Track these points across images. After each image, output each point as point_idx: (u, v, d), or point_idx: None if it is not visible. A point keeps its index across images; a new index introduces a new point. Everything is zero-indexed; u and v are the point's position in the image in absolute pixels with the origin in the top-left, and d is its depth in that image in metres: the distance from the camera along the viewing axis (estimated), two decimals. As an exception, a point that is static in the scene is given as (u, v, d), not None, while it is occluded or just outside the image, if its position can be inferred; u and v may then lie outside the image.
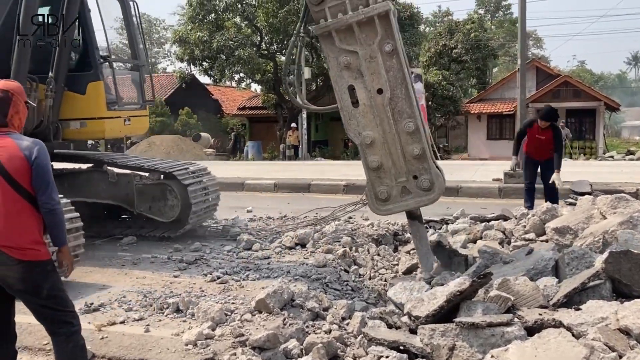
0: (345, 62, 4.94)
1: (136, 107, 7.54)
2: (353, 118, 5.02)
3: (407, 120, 4.89)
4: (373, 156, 4.98)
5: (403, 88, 4.87)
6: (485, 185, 11.91)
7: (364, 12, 4.76)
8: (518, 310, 3.56)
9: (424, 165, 4.92)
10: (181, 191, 6.87)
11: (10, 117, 2.84)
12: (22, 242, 2.76)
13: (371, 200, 5.11)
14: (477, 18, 36.76)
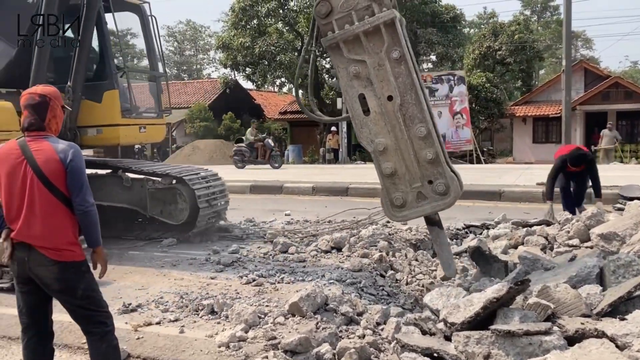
0: (354, 72, 5.02)
1: (152, 116, 7.82)
2: (365, 126, 5.08)
3: (418, 125, 4.90)
4: (387, 163, 5.02)
5: (413, 93, 4.90)
6: (529, 189, 11.60)
7: (370, 22, 4.85)
8: (558, 319, 3.44)
9: (438, 169, 4.92)
10: (190, 195, 7.11)
11: (47, 121, 2.92)
12: (58, 243, 2.83)
13: (387, 207, 5.11)
14: (523, 19, 35.96)
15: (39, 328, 2.99)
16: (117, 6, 7.30)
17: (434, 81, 23.58)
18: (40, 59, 6.35)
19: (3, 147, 2.91)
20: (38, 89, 2.94)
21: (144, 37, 7.78)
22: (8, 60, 6.64)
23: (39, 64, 6.36)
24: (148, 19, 7.67)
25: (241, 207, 10.90)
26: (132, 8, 7.67)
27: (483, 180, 13.44)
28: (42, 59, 6.37)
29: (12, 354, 3.85)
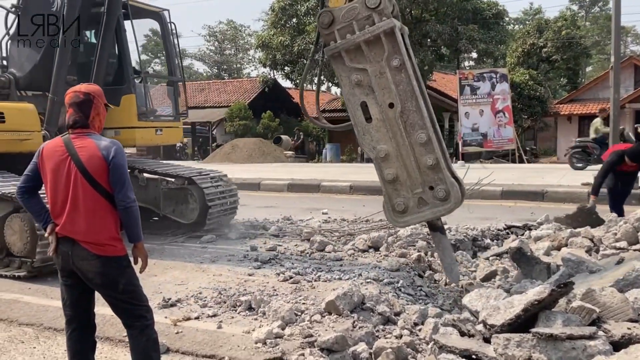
0: (356, 80, 5.14)
1: (169, 119, 8.13)
2: (367, 133, 5.19)
3: (419, 131, 4.99)
4: (388, 169, 5.11)
5: (413, 101, 4.99)
6: (574, 189, 11.28)
7: (370, 31, 4.98)
8: (603, 324, 3.32)
9: (439, 175, 4.98)
10: (200, 195, 7.47)
11: (91, 119, 2.98)
12: (100, 238, 2.89)
13: (389, 213, 5.19)
14: (570, 15, 34.99)
15: (81, 320, 3.07)
16: (137, 14, 7.66)
17: (475, 79, 23.15)
18: (61, 63, 6.67)
19: (48, 143, 3.00)
20: (82, 87, 3.01)
21: (163, 43, 8.17)
22: (33, 64, 6.99)
23: (60, 68, 6.68)
24: (168, 26, 8.00)
25: (279, 205, 10.97)
26: (153, 15, 8.02)
27: (525, 180, 13.15)
28: (63, 64, 6.70)
29: (57, 344, 3.96)
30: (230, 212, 8.16)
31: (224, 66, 61.15)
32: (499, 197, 11.49)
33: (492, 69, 25.14)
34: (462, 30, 25.28)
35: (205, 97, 35.52)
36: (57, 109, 6.79)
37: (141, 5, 7.78)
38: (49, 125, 6.76)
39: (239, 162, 24.03)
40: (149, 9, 7.92)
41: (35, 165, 2.99)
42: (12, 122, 6.45)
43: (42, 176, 2.97)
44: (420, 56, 25.16)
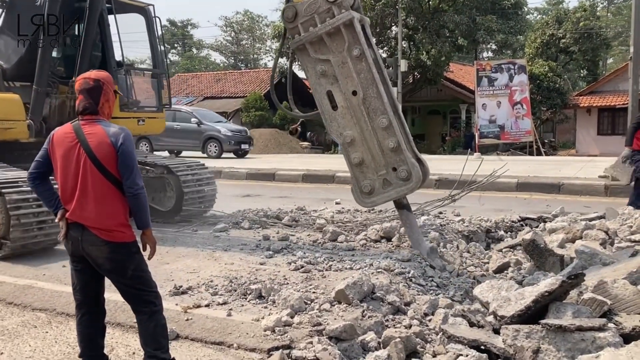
0: (321, 71, 5.46)
1: (152, 110, 8.33)
2: (334, 120, 5.51)
3: (380, 116, 5.30)
4: (355, 153, 5.45)
5: (374, 87, 5.30)
6: (590, 182, 11.14)
7: (331, 24, 5.29)
8: (615, 316, 3.29)
9: (401, 157, 5.31)
10: (176, 183, 7.77)
11: (101, 105, 3.00)
12: (109, 224, 2.91)
13: (357, 194, 5.57)
14: (589, 5, 34.39)
15: (91, 305, 3.11)
16: (122, 9, 7.87)
17: (493, 70, 22.91)
18: (44, 56, 6.88)
19: (58, 130, 3.02)
20: (92, 74, 3.03)
21: (148, 37, 8.30)
22: (19, 56, 7.19)
23: (43, 60, 6.89)
24: (153, 20, 8.21)
25: (293, 196, 11.00)
26: (138, 10, 8.20)
27: (542, 173, 13.02)
28: (46, 56, 6.91)
29: (69, 329, 4.02)
30: (208, 201, 8.35)
31: (241, 56, 61.23)
32: (514, 189, 11.38)
33: (510, 60, 24.85)
34: (480, 21, 25.01)
35: (222, 88, 35.62)
36: (41, 99, 7.03)
37: (126, 1, 8.00)
38: (34, 115, 7.00)
39: (254, 152, 24.10)
40: (134, 3, 8.16)
41: (46, 151, 3.02)
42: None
43: (52, 162, 3.00)
44: (437, 47, 24.96)
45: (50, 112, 7.29)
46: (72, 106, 7.27)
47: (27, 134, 6.96)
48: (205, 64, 60.78)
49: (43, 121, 7.20)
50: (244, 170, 15.14)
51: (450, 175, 11.31)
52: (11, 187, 5.93)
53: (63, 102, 7.35)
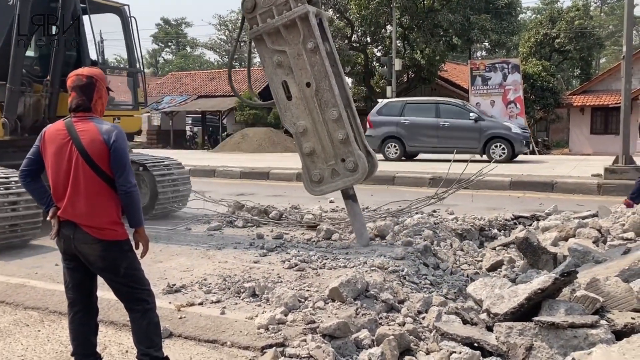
0: (277, 61, 5.64)
1: (128, 108, 8.46)
2: (288, 110, 5.71)
3: (331, 109, 5.47)
4: (306, 143, 5.65)
5: (326, 80, 5.46)
6: (583, 181, 11.18)
7: (287, 16, 5.47)
8: (607, 313, 3.30)
9: (349, 148, 5.50)
10: (150, 181, 7.94)
11: (94, 102, 2.98)
12: (101, 223, 2.89)
13: (306, 182, 5.80)
14: (582, 5, 34.54)
15: (84, 303, 3.09)
16: (98, 9, 7.99)
17: (486, 69, 22.97)
18: (17, 54, 6.98)
19: (50, 127, 3.00)
20: (85, 71, 3.01)
21: (124, 36, 8.38)
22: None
23: (16, 58, 6.99)
24: (128, 20, 8.30)
25: (287, 194, 10.98)
26: (114, 10, 8.30)
27: (535, 171, 13.06)
28: (19, 55, 7.02)
29: (62, 328, 4.00)
30: (181, 199, 8.49)
31: (235, 55, 61.04)
32: (508, 188, 11.42)
33: (503, 60, 24.91)
34: (475, 20, 25.06)
35: (216, 86, 35.54)
36: (15, 97, 7.09)
37: (102, 1, 8.11)
38: (8, 114, 7.06)
39: (248, 151, 24.06)
40: (109, 4, 8.26)
41: (38, 148, 3.00)
42: None
43: (44, 159, 2.97)
44: (432, 46, 25.00)
45: (25, 111, 7.36)
46: (47, 104, 7.40)
47: (2, 132, 7.04)
48: (199, 63, 60.62)
49: (18, 119, 7.27)
50: (238, 169, 15.12)
51: (444, 174, 11.32)
52: None
53: (38, 100, 7.43)
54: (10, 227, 6.07)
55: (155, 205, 7.96)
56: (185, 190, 8.51)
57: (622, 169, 10.92)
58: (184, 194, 8.50)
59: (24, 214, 6.18)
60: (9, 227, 6.06)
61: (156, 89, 37.37)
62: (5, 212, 5.99)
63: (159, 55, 65.33)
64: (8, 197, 6.08)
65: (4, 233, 6.02)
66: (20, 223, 6.13)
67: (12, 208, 6.02)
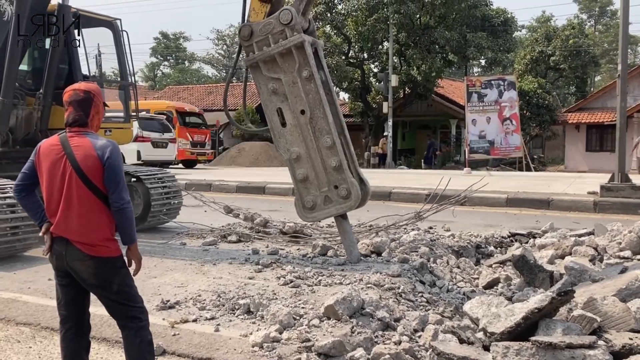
0: (272, 88, 5.70)
1: (120, 120, 8.56)
2: (282, 136, 5.76)
3: (325, 136, 5.52)
4: (300, 169, 5.70)
5: (321, 108, 5.53)
6: (580, 198, 11.20)
7: (283, 45, 5.56)
8: (605, 333, 3.28)
9: (342, 175, 5.55)
10: (144, 192, 8.03)
11: (91, 117, 2.96)
12: (93, 239, 2.86)
13: (299, 209, 5.83)
14: (578, 23, 34.89)
15: (76, 320, 3.05)
16: (90, 23, 8.13)
17: (482, 86, 23.11)
18: (10, 67, 7.04)
19: (45, 142, 2.98)
20: (82, 86, 3.00)
21: (116, 49, 8.50)
22: None
23: (9, 72, 7.04)
24: (120, 34, 8.44)
25: (284, 209, 10.94)
26: (106, 24, 8.45)
27: (531, 188, 13.08)
28: (12, 68, 7.07)
29: (53, 344, 3.95)
30: (173, 211, 8.58)
31: (231, 80, 61.29)
32: (504, 205, 11.42)
33: (500, 76, 25.09)
34: (471, 38, 25.26)
35: (213, 100, 35.64)
36: (7, 110, 7.14)
37: (93, 15, 8.26)
38: (0, 126, 7.11)
39: (245, 165, 24.07)
40: (102, 18, 8.42)
41: (32, 163, 2.98)
42: None
43: (38, 174, 2.95)
44: (428, 62, 25.15)
45: (16, 123, 7.40)
46: (39, 117, 7.48)
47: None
48: (197, 77, 60.82)
49: (10, 132, 7.32)
50: (234, 183, 15.09)
51: (439, 190, 11.33)
52: None
53: (30, 113, 7.51)
54: (11, 230, 6.08)
55: (147, 216, 8.03)
56: (176, 203, 8.61)
57: (618, 187, 10.94)
58: (175, 206, 8.60)
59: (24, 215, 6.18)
60: (10, 230, 6.07)
61: (153, 103, 37.42)
62: (5, 214, 6.02)
63: (157, 68, 65.55)
64: (6, 200, 6.13)
65: (6, 236, 6.04)
66: (21, 225, 6.13)
67: (10, 210, 6.03)
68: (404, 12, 24.30)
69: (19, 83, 7.49)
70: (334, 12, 26.64)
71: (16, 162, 7.62)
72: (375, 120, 28.11)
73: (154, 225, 8.33)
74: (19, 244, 6.32)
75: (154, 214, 8.10)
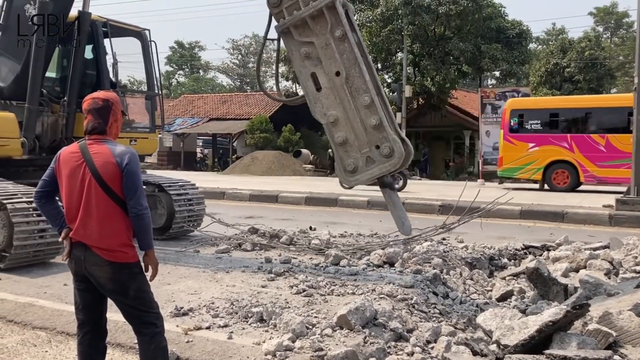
0: (305, 53, 5.59)
1: (145, 130, 8.58)
2: (318, 102, 5.62)
3: (363, 95, 5.38)
4: (339, 133, 5.53)
5: (356, 67, 5.39)
6: (595, 211, 11.10)
7: (314, 6, 5.43)
8: (620, 348, 3.25)
9: (383, 134, 5.36)
10: (168, 201, 8.03)
11: (110, 125, 3.02)
12: (111, 245, 2.91)
13: (340, 174, 5.66)
14: (594, 36, 34.71)
15: (93, 325, 3.09)
16: (119, 33, 8.19)
17: (497, 97, 23.04)
18: (34, 77, 7.18)
19: (65, 149, 3.04)
20: (101, 94, 3.05)
21: (144, 59, 8.56)
22: (15, 75, 7.43)
23: (34, 81, 7.19)
24: (148, 44, 8.49)
25: (296, 218, 10.98)
26: (135, 34, 8.51)
27: (546, 200, 12.99)
28: (36, 77, 7.21)
29: (69, 349, 3.99)
30: (196, 219, 8.57)
31: (247, 79, 61.71)
32: (518, 217, 11.35)
33: (514, 88, 25.00)
34: (485, 49, 25.22)
35: (227, 109, 35.85)
36: (33, 117, 7.25)
37: (123, 25, 8.34)
38: (27, 133, 7.21)
39: (258, 174, 24.15)
40: (131, 28, 8.48)
41: (52, 170, 3.04)
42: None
43: (58, 181, 3.01)
44: (442, 73, 25.15)
45: (43, 130, 7.51)
46: (64, 124, 7.56)
47: (21, 151, 7.16)
48: (211, 86, 61.29)
49: (36, 139, 7.41)
50: (247, 191, 15.16)
51: (454, 202, 11.29)
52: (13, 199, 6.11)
53: (55, 120, 7.60)
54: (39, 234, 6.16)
55: (172, 225, 8.03)
56: (200, 210, 8.60)
57: (634, 200, 10.84)
58: (198, 213, 8.58)
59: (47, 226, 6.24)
60: (38, 234, 6.15)
61: (168, 111, 37.74)
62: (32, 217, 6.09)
63: (172, 77, 66.18)
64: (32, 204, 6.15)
65: (34, 239, 6.13)
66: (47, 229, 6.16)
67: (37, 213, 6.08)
68: (418, 24, 24.36)
69: (46, 90, 7.58)
70: (349, 23, 26.82)
71: (42, 169, 7.67)
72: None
73: (178, 234, 8.32)
74: (46, 249, 6.33)
75: (177, 222, 8.09)
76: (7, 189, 6.30)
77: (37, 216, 6.06)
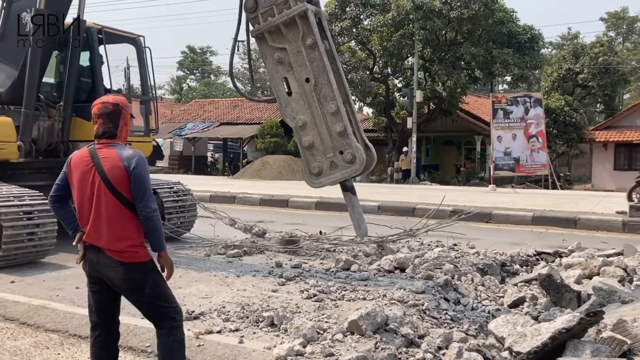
0: (278, 58, 5.83)
1: (140, 134, 8.68)
2: (288, 105, 5.87)
3: (330, 102, 5.61)
4: (306, 136, 5.80)
5: (325, 75, 5.62)
6: (607, 217, 11.00)
7: (286, 14, 5.68)
8: (635, 356, 3.22)
9: (347, 141, 5.60)
10: (159, 205, 7.94)
11: (119, 129, 3.06)
12: (122, 246, 2.94)
13: (306, 175, 5.95)
14: (607, 41, 34.46)
15: (106, 327, 3.11)
16: (114, 39, 8.37)
17: (508, 102, 22.93)
18: (31, 82, 7.32)
19: (76, 154, 3.08)
20: (110, 99, 3.09)
21: (139, 65, 8.69)
22: (12, 81, 7.61)
23: (30, 86, 7.34)
24: (143, 50, 8.64)
25: (306, 223, 10.99)
26: (130, 40, 8.66)
27: (558, 206, 12.89)
28: (32, 82, 7.36)
29: (81, 351, 4.01)
30: (188, 224, 8.69)
31: (258, 84, 61.88)
32: (530, 223, 11.28)
33: (526, 93, 24.88)
34: (497, 54, 25.12)
35: (238, 114, 35.98)
36: (29, 121, 7.39)
37: (118, 32, 8.50)
38: (23, 137, 7.36)
39: (268, 178, 24.19)
40: (126, 35, 8.64)
41: (65, 174, 3.08)
42: None
43: (70, 185, 3.04)
44: (453, 78, 25.09)
45: (39, 134, 7.64)
46: (59, 129, 7.73)
47: (17, 155, 7.33)
48: (222, 91, 61.54)
49: (32, 142, 7.53)
50: (257, 196, 15.18)
51: (465, 207, 11.23)
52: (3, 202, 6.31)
53: (52, 124, 7.74)
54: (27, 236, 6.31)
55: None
56: (191, 217, 8.73)
57: (647, 207, 10.73)
58: (190, 219, 8.72)
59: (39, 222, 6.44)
60: (27, 236, 6.31)
61: (180, 115, 37.96)
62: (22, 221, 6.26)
63: (183, 82, 66.56)
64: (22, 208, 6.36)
65: (23, 242, 6.28)
66: (37, 232, 6.36)
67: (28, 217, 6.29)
68: (429, 28, 24.31)
69: (43, 95, 7.74)
70: (360, 28, 26.78)
71: (39, 172, 7.84)
72: (399, 135, 28.04)
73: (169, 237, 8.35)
74: (35, 250, 6.52)
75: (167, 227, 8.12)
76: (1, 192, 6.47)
77: (27, 220, 6.27)
